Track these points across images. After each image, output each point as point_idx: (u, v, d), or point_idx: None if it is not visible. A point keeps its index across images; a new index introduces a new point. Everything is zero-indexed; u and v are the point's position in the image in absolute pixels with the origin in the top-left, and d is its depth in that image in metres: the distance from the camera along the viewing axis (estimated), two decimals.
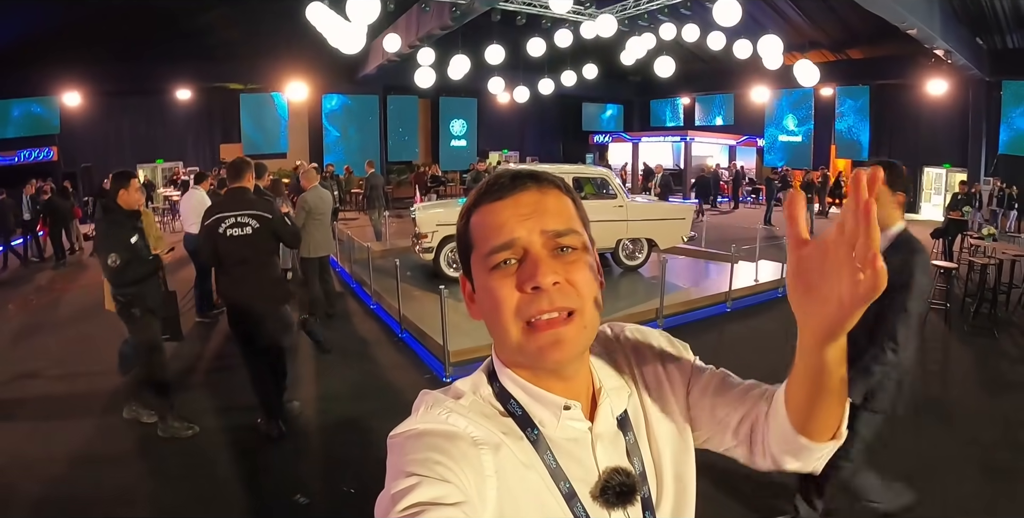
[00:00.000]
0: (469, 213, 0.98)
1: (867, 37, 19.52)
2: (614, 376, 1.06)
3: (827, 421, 0.93)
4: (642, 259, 11.17)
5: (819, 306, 0.77)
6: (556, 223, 0.92)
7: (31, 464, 4.84)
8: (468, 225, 0.97)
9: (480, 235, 0.94)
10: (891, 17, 13.51)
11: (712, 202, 24.01)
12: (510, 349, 0.93)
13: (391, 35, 15.98)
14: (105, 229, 5.06)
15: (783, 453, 0.99)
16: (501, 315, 0.90)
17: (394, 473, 0.83)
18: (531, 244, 0.91)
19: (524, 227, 0.91)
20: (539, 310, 0.88)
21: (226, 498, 4.43)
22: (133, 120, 22.17)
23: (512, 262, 0.91)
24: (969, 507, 4.26)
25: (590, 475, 0.94)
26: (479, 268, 0.94)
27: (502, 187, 0.95)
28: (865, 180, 0.73)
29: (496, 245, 0.91)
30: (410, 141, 27.10)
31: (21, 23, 16.69)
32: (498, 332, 0.93)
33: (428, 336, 7.33)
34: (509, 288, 0.90)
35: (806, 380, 0.87)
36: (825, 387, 0.86)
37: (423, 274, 10.47)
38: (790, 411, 0.94)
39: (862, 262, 0.71)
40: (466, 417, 0.91)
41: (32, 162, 19.77)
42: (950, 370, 7.18)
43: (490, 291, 0.92)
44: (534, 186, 0.95)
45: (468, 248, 0.97)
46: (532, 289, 0.88)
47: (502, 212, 0.93)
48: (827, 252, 0.75)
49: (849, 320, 0.75)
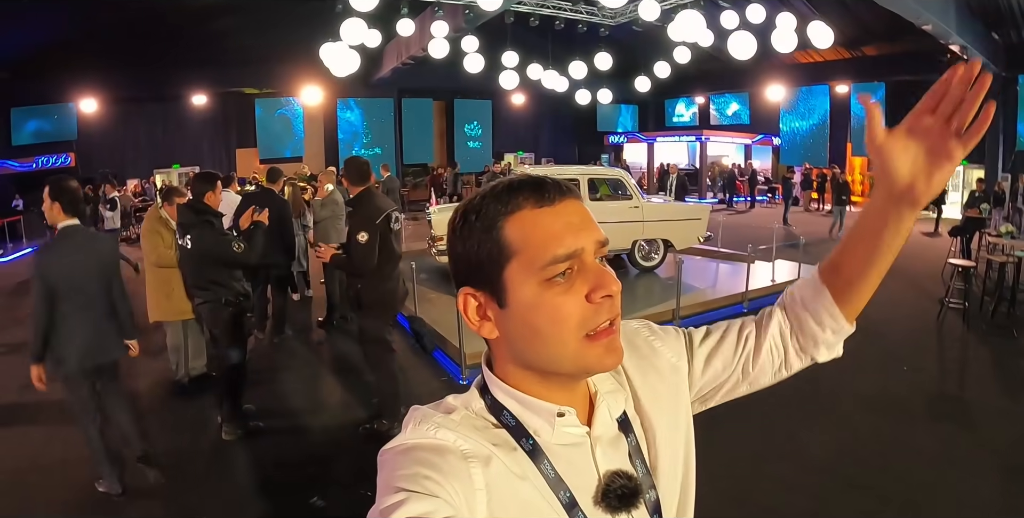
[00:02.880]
0: (501, 222, 0.89)
1: (882, 34, 19.36)
2: (609, 379, 1.04)
3: (865, 295, 1.12)
4: (658, 260, 11.13)
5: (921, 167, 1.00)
6: (599, 232, 0.92)
7: (50, 468, 4.90)
8: (503, 235, 0.89)
9: (531, 244, 0.88)
10: (906, 13, 13.42)
11: (728, 202, 23.92)
12: (560, 362, 0.90)
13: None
14: (208, 230, 5.08)
15: (813, 344, 1.16)
16: (562, 329, 0.87)
17: (383, 488, 0.82)
18: (588, 254, 0.89)
19: (580, 238, 0.88)
20: (606, 318, 0.88)
21: (243, 500, 4.46)
22: (149, 126, 22.37)
23: (568, 273, 0.88)
24: (986, 507, 4.23)
25: (591, 481, 0.93)
26: (525, 279, 0.88)
27: (541, 194, 0.90)
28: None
29: (559, 255, 0.87)
30: (425, 143, 27.15)
31: (38, 32, 16.86)
32: (548, 347, 0.89)
33: (444, 338, 7.34)
34: (574, 301, 0.87)
35: (874, 243, 1.05)
36: (886, 251, 1.05)
37: (439, 277, 10.49)
38: (837, 285, 1.11)
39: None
40: (455, 431, 0.89)
41: (50, 168, 19.91)
42: (968, 369, 7.12)
43: (550, 305, 0.87)
44: (569, 193, 0.92)
45: (501, 258, 0.89)
46: (603, 298, 0.87)
47: (555, 221, 0.89)
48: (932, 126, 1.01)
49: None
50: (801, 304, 1.15)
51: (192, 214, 5.07)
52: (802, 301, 1.15)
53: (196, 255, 5.06)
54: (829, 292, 1.11)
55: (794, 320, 1.16)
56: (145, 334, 5.79)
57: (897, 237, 1.04)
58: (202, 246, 5.01)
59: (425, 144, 27.15)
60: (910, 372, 6.63)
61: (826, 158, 24.00)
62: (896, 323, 8.10)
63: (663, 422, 1.04)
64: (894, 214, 1.02)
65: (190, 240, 5.02)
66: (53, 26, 16.74)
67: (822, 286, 1.12)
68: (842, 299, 1.11)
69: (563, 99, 24.17)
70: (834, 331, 1.13)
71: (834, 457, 4.91)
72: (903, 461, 4.81)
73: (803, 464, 4.82)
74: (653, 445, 1.03)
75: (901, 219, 1.02)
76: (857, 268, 1.08)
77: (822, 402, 5.85)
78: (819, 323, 1.13)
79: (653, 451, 1.02)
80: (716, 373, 1.15)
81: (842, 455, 4.94)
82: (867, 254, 1.07)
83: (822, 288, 1.12)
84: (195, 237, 5.00)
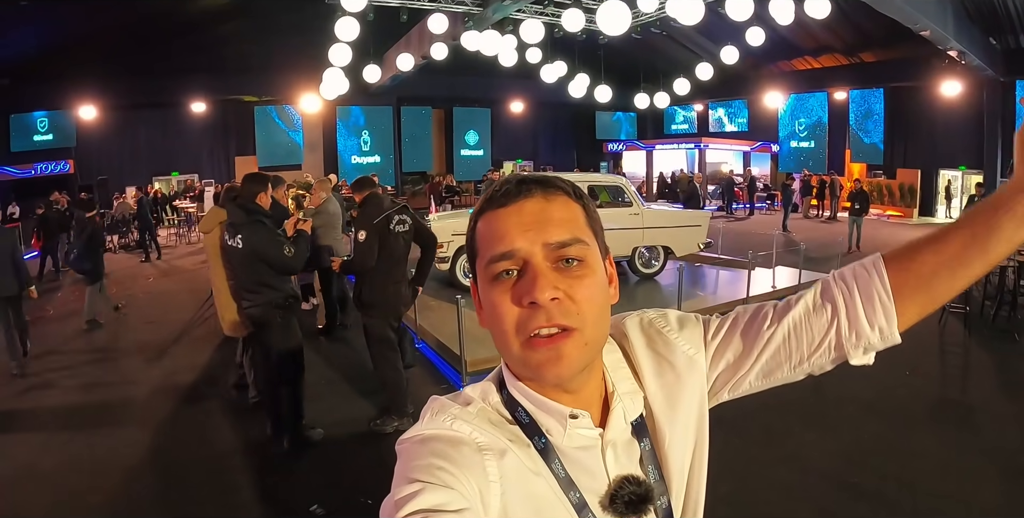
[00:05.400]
0: (476, 220, 0.95)
1: (880, 40, 19.41)
2: (629, 379, 1.01)
3: (935, 298, 0.97)
4: (658, 267, 11.12)
5: None
6: (560, 234, 0.88)
7: (46, 475, 4.88)
8: (474, 232, 0.95)
9: (482, 243, 0.92)
10: (904, 19, 13.46)
11: (727, 208, 23.91)
12: (513, 361, 0.91)
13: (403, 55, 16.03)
14: (263, 230, 4.96)
15: (861, 348, 0.99)
16: (503, 330, 0.88)
17: (398, 478, 0.82)
18: (532, 256, 0.87)
19: (526, 238, 0.87)
20: (536, 326, 0.85)
21: (243, 508, 4.44)
22: (148, 133, 22.40)
23: (513, 273, 0.88)
24: (991, 512, 4.21)
25: (600, 484, 0.92)
26: (481, 277, 0.92)
27: (507, 194, 0.92)
28: None
29: (495, 255, 0.88)
30: (424, 151, 27.18)
31: (38, 39, 16.92)
32: (501, 343, 0.90)
33: (445, 346, 7.34)
34: (508, 302, 0.87)
35: (984, 229, 0.93)
36: (994, 243, 0.92)
37: (439, 284, 10.47)
38: (906, 281, 0.96)
39: None
40: (471, 423, 0.89)
41: (49, 175, 20.00)
42: (970, 374, 7.12)
43: (491, 302, 0.89)
44: (540, 192, 0.92)
45: (474, 256, 0.95)
46: (529, 304, 0.85)
47: (505, 220, 0.90)
48: None
49: None
50: (853, 287, 0.99)
51: (244, 214, 4.95)
52: (856, 282, 0.99)
53: (247, 255, 4.92)
54: (891, 285, 0.96)
55: (841, 304, 0.99)
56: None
57: (1012, 225, 0.91)
58: (253, 244, 4.87)
59: (424, 152, 27.18)
60: (912, 377, 6.61)
61: (825, 165, 24.01)
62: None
63: (677, 427, 1.00)
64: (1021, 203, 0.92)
65: (241, 240, 4.88)
66: (53, 33, 16.80)
67: (884, 274, 0.97)
68: (905, 298, 0.96)
69: (562, 107, 24.24)
70: (882, 333, 0.97)
71: (836, 463, 4.89)
72: (906, 466, 4.78)
73: (805, 470, 4.80)
74: (663, 449, 0.99)
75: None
76: (946, 261, 0.94)
77: (824, 407, 5.83)
78: (869, 317, 0.97)
79: (663, 456, 0.99)
80: (728, 365, 1.05)
81: (844, 461, 4.92)
82: (966, 243, 0.93)
83: (884, 276, 0.97)
84: (246, 236, 4.87)
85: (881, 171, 22.70)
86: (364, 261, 5.13)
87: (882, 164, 22.80)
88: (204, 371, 7.21)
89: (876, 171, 22.79)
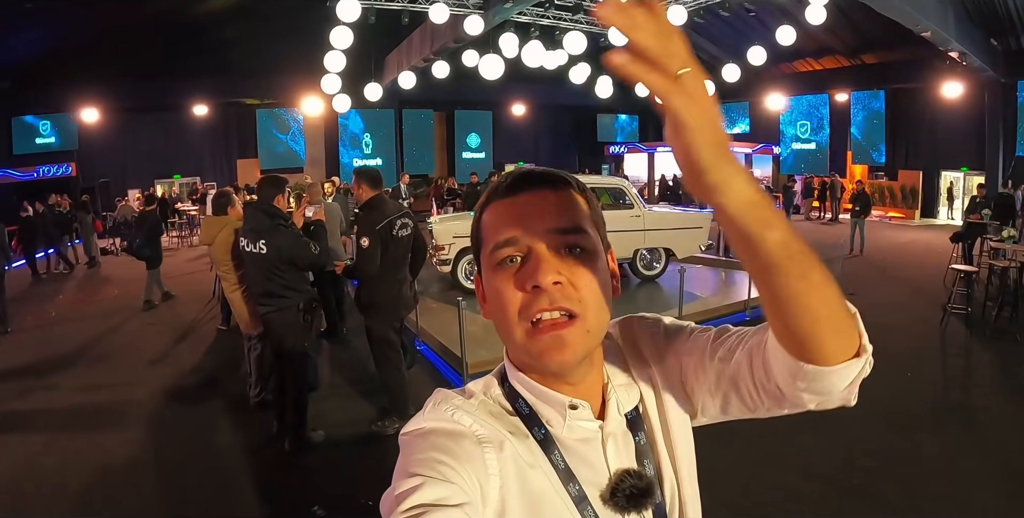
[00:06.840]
0: (481, 211, 0.97)
1: (881, 41, 19.38)
2: (624, 372, 1.03)
3: (815, 325, 0.76)
4: (660, 269, 11.12)
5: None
6: (563, 221, 0.90)
7: (47, 475, 4.90)
8: (479, 223, 0.97)
9: (487, 232, 0.94)
10: (905, 20, 13.46)
11: None
12: (516, 349, 0.92)
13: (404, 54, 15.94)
14: (287, 233, 5.00)
15: (794, 391, 0.87)
16: (507, 315, 0.89)
17: (399, 472, 0.83)
18: (535, 242, 0.89)
19: (530, 225, 0.89)
20: (539, 309, 0.86)
21: (244, 509, 4.45)
22: (150, 136, 22.35)
23: (516, 260, 0.90)
24: (992, 515, 4.21)
25: (601, 477, 0.92)
26: (486, 265, 0.93)
27: (513, 186, 0.94)
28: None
29: (500, 241, 0.90)
30: (426, 154, 27.17)
31: (40, 42, 16.94)
32: (504, 331, 0.91)
33: (446, 348, 7.35)
34: (512, 287, 0.89)
35: (743, 255, 0.76)
36: (762, 258, 0.75)
37: (441, 286, 10.49)
38: (772, 322, 0.81)
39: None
40: (472, 415, 0.91)
41: (50, 178, 19.98)
42: (972, 375, 7.11)
43: (495, 289, 0.91)
44: (545, 185, 0.94)
45: (479, 246, 0.96)
46: (532, 288, 0.86)
47: (510, 210, 0.92)
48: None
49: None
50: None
51: (265, 218, 4.95)
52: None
53: (271, 259, 4.92)
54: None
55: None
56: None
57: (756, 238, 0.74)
58: (282, 249, 4.89)
59: (426, 155, 27.17)
60: (913, 378, 6.60)
61: (827, 167, 23.98)
62: (899, 329, 8.09)
63: (669, 424, 1.01)
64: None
65: (264, 245, 4.88)
66: (55, 36, 16.82)
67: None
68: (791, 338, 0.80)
69: (563, 109, 24.16)
70: (790, 370, 0.83)
71: (836, 464, 4.89)
72: (906, 468, 4.79)
73: (804, 472, 4.80)
74: (656, 445, 1.00)
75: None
76: (774, 304, 0.79)
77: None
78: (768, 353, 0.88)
79: (657, 452, 0.99)
80: (689, 380, 1.01)
81: (844, 462, 4.92)
82: (762, 283, 0.79)
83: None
84: (270, 241, 4.88)
85: (883, 173, 22.64)
86: (368, 267, 5.14)
87: (884, 166, 22.75)
88: (205, 372, 7.23)
89: (878, 173, 22.75)
